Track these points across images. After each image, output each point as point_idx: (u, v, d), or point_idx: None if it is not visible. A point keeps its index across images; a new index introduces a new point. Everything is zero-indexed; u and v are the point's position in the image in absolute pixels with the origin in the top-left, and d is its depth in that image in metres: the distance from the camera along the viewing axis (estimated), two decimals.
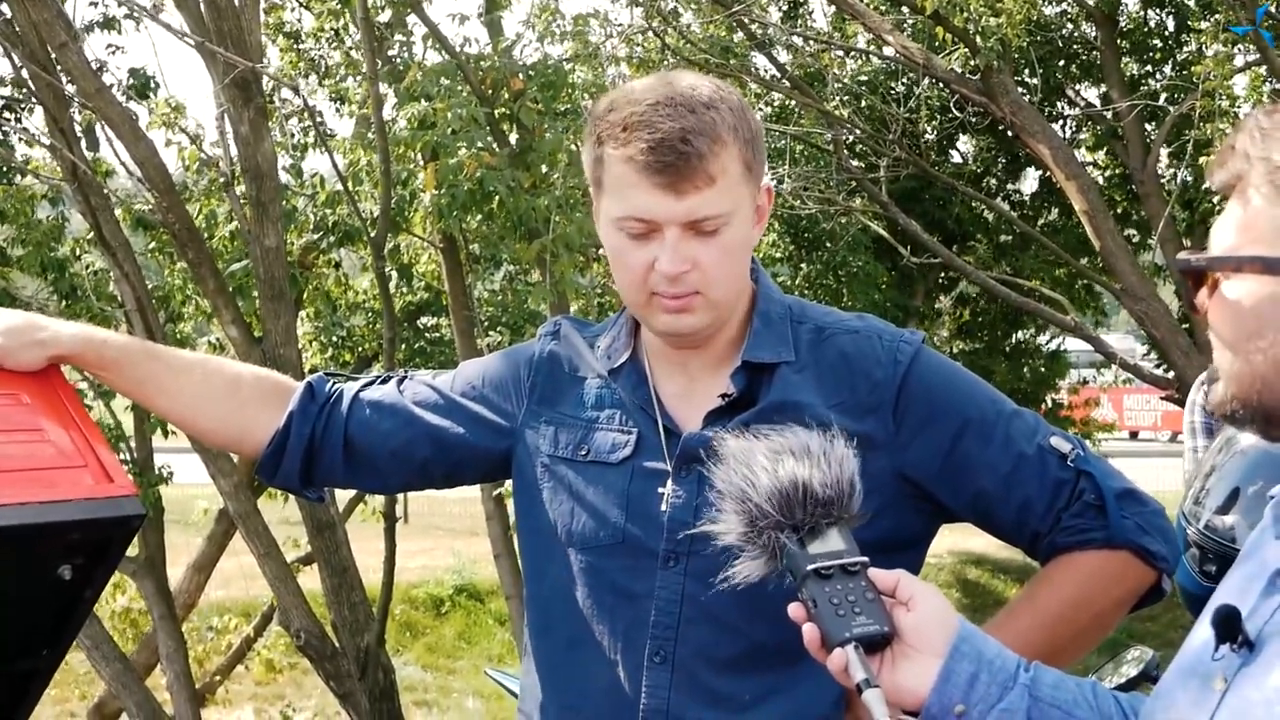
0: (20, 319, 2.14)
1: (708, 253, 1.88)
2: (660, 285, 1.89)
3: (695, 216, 1.85)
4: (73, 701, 12.82)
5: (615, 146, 1.88)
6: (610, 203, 1.91)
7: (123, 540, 2.10)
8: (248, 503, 7.04)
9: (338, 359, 11.53)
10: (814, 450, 1.60)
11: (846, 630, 1.49)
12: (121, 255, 6.75)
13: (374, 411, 2.16)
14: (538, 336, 2.19)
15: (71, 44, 5.81)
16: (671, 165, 1.83)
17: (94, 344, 2.17)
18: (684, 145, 1.82)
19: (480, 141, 7.06)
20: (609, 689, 1.94)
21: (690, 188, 1.84)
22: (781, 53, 11.43)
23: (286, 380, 2.27)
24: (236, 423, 2.21)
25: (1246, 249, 1.31)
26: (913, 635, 1.51)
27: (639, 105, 1.87)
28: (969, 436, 1.94)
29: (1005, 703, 1.47)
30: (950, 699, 1.48)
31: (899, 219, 9.43)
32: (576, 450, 2.02)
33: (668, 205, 1.85)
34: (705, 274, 1.88)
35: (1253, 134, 1.32)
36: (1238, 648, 1.29)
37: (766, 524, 1.57)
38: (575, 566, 1.99)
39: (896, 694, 1.50)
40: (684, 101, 1.85)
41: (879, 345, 1.98)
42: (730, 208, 1.87)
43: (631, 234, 1.89)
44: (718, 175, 1.85)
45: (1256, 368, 1.31)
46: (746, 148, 1.89)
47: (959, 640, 1.50)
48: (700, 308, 1.91)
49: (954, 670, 1.49)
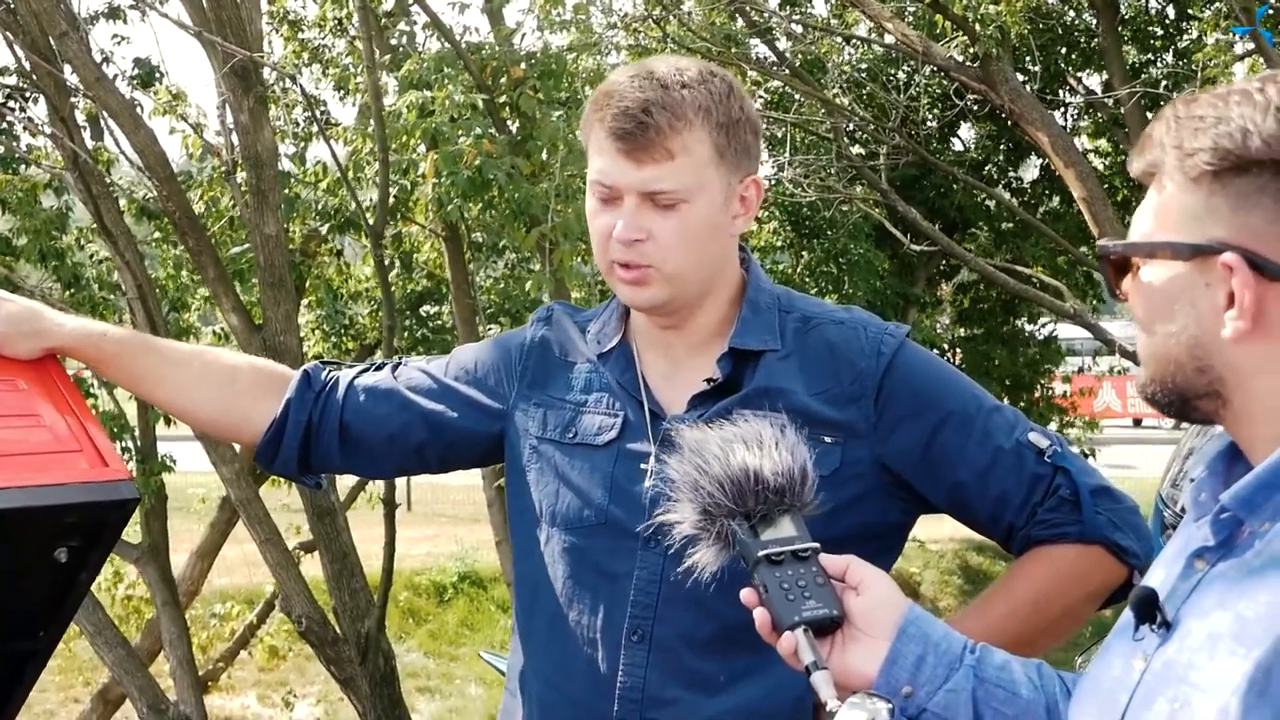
0: (21, 308, 2.18)
1: (664, 226, 1.93)
2: (617, 252, 1.95)
3: (651, 188, 1.92)
4: (77, 688, 12.88)
5: (593, 111, 1.96)
6: (590, 167, 1.99)
7: (117, 523, 2.14)
8: (249, 490, 7.08)
9: (340, 347, 11.56)
10: (766, 439, 1.64)
11: (796, 614, 1.53)
12: (123, 244, 6.77)
13: (369, 397, 2.19)
14: (530, 322, 2.22)
15: (72, 33, 5.83)
16: (630, 134, 1.90)
17: (92, 338, 2.21)
18: (644, 116, 1.89)
19: (479, 129, 7.08)
20: (588, 667, 1.98)
21: (648, 158, 1.90)
22: (782, 40, 11.43)
23: (283, 369, 2.31)
24: (235, 412, 2.25)
25: (1160, 235, 1.34)
26: (862, 619, 1.54)
27: (622, 76, 1.95)
28: (949, 429, 1.97)
29: (951, 684, 1.50)
30: (897, 680, 1.51)
31: (898, 206, 9.44)
32: (564, 432, 2.06)
33: (627, 172, 1.92)
34: (659, 247, 1.94)
35: (1169, 123, 1.34)
36: (1157, 628, 1.32)
37: (719, 512, 1.61)
38: (559, 547, 2.03)
39: (845, 676, 1.53)
40: (660, 78, 1.93)
41: (864, 336, 2.01)
42: (690, 184, 1.92)
43: (599, 198, 1.97)
44: (677, 151, 1.90)
45: (1170, 351, 1.34)
46: (719, 131, 1.93)
47: (906, 623, 1.54)
48: (655, 281, 1.96)
49: (901, 652, 1.52)
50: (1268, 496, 1.27)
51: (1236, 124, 1.28)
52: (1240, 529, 1.29)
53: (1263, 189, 1.27)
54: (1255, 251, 1.27)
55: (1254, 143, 1.27)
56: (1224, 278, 1.28)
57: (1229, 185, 1.28)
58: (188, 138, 8.54)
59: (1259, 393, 1.30)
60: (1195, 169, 1.30)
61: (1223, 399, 1.32)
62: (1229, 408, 1.33)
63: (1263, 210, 1.27)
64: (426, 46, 8.61)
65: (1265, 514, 1.27)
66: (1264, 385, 1.29)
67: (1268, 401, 1.30)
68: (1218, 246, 1.28)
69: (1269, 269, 1.26)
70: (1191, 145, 1.31)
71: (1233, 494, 1.29)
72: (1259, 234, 1.27)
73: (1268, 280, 1.26)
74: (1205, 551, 1.32)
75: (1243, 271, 1.27)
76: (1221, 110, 1.30)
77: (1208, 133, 1.30)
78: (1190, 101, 1.35)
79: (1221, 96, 1.32)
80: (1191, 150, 1.30)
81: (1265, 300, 1.27)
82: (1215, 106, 1.31)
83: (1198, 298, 1.31)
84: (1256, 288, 1.27)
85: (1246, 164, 1.27)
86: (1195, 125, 1.31)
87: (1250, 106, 1.28)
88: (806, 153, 11.04)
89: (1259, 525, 1.27)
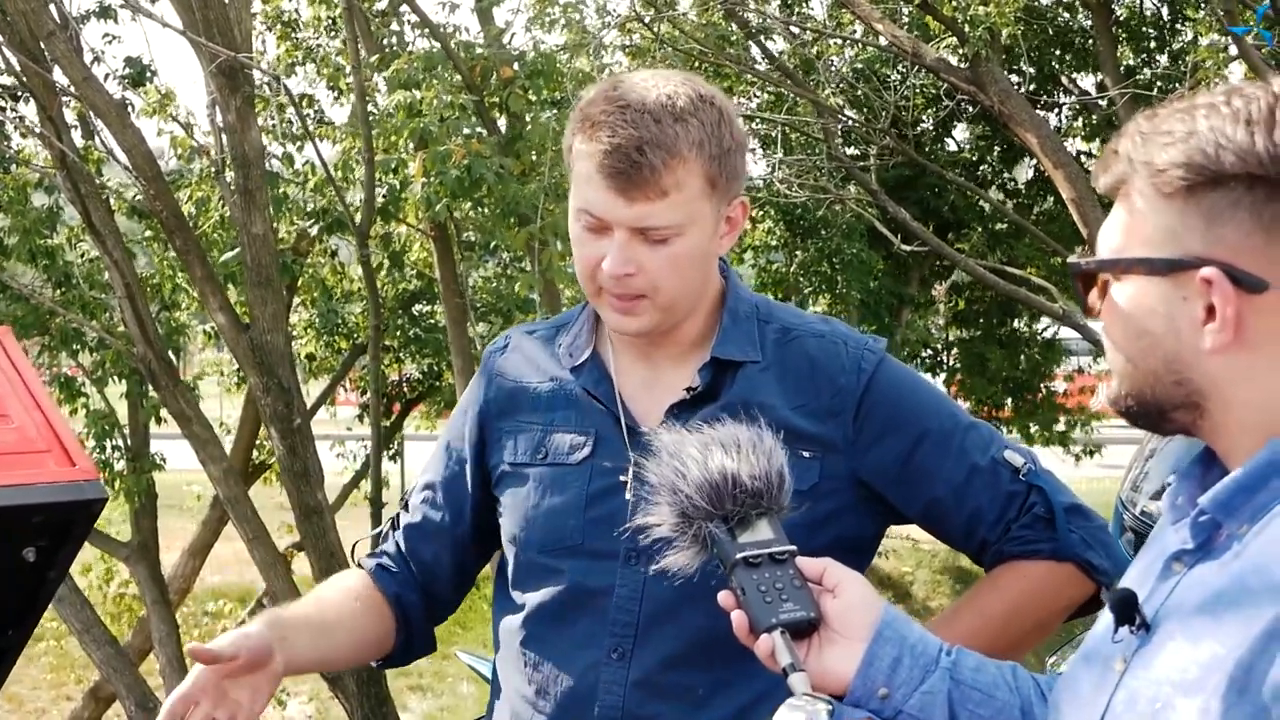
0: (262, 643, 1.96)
1: (655, 260, 1.89)
2: (606, 283, 1.92)
3: (643, 224, 1.87)
4: (69, 685, 12.89)
5: (581, 141, 1.90)
6: (573, 193, 1.94)
7: (85, 523, 2.14)
8: (236, 488, 7.08)
9: (333, 347, 11.58)
10: (743, 443, 1.64)
11: (773, 616, 1.54)
12: (111, 243, 6.77)
13: (418, 548, 2.18)
14: (484, 356, 2.21)
15: (59, 32, 5.83)
16: (623, 173, 1.84)
17: (287, 652, 2.00)
18: (638, 155, 1.83)
19: (468, 129, 7.08)
20: (567, 686, 1.97)
21: (640, 196, 1.85)
22: (778, 40, 11.44)
23: (352, 580, 2.21)
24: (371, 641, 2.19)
25: (1132, 251, 1.34)
26: (838, 621, 1.55)
27: (610, 105, 1.88)
28: (926, 446, 1.98)
29: (927, 685, 1.52)
30: (874, 682, 1.52)
31: (888, 207, 9.45)
32: (535, 454, 2.04)
33: (618, 208, 1.87)
34: (650, 279, 1.90)
35: (1134, 138, 1.34)
36: (1136, 630, 1.33)
37: (697, 515, 1.61)
38: (537, 568, 2.02)
39: (822, 678, 1.53)
40: (653, 110, 1.86)
41: (844, 351, 2.01)
42: (682, 220, 1.88)
43: (586, 227, 1.92)
44: (670, 189, 1.86)
45: (1146, 365, 1.35)
46: (712, 164, 1.89)
47: (883, 625, 1.54)
48: (646, 310, 1.94)
49: (877, 654, 1.53)
50: (1245, 499, 1.28)
51: (1207, 138, 1.28)
52: (1218, 532, 1.30)
53: (1236, 203, 1.27)
54: (1233, 264, 1.27)
55: (1227, 157, 1.27)
56: (1202, 291, 1.28)
57: (1203, 200, 1.29)
58: (178, 138, 8.54)
59: (1239, 403, 1.31)
60: (1169, 185, 1.30)
61: (1200, 410, 1.33)
62: (1207, 418, 1.34)
63: (1237, 224, 1.27)
64: (416, 46, 8.61)
65: (1243, 516, 1.28)
66: (1243, 396, 1.30)
67: (1246, 412, 1.31)
68: (1195, 261, 1.29)
69: (1247, 282, 1.27)
70: (1161, 160, 1.30)
71: (1211, 497, 1.30)
72: (1235, 247, 1.27)
73: (1246, 293, 1.27)
74: (1184, 554, 1.33)
75: (1223, 285, 1.27)
76: (1190, 124, 1.30)
77: (1178, 147, 1.30)
78: (1153, 116, 1.34)
79: (1186, 110, 1.31)
80: (1163, 166, 1.30)
81: (1244, 312, 1.28)
82: (1183, 120, 1.31)
83: (1175, 312, 1.31)
84: (1237, 300, 1.27)
85: (1220, 178, 1.27)
86: (1164, 140, 1.31)
87: (1219, 119, 1.28)
88: (799, 152, 11.05)
89: (1236, 528, 1.28)
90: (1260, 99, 1.28)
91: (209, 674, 1.87)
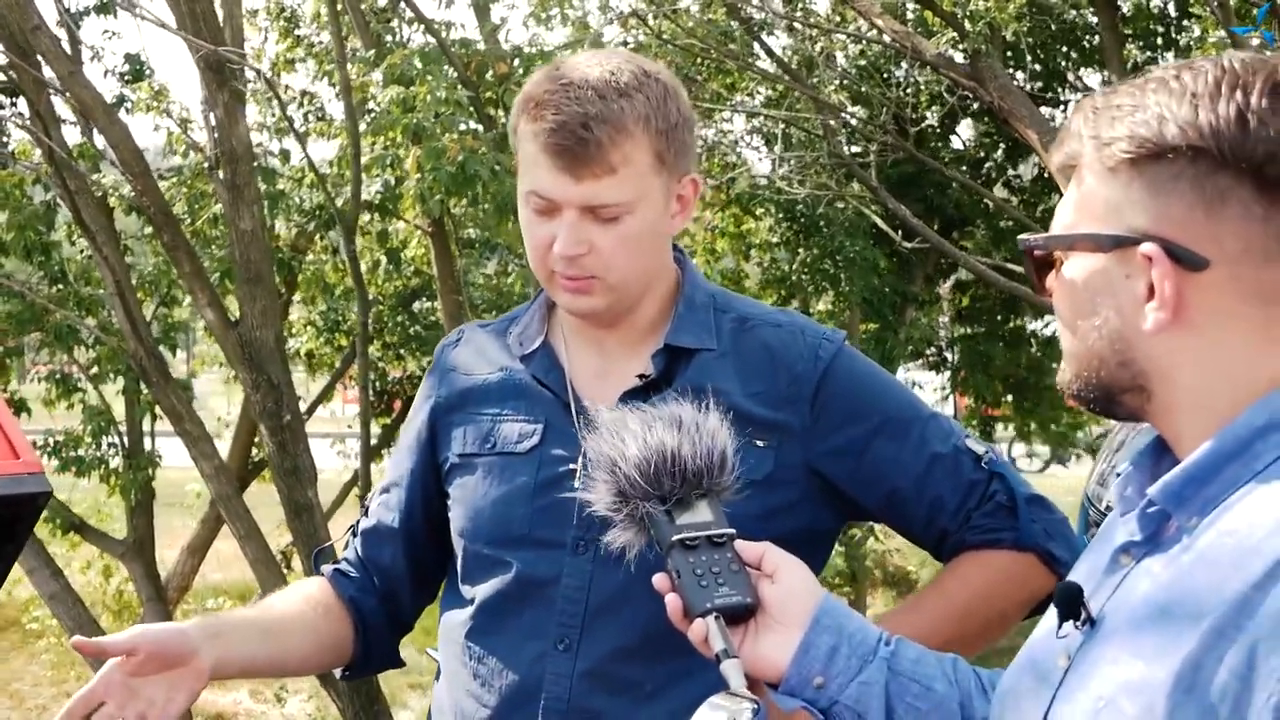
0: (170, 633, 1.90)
1: (605, 238, 1.88)
2: (558, 265, 1.90)
3: (592, 202, 1.86)
4: (70, 682, 12.91)
5: (525, 122, 1.89)
6: (521, 176, 1.93)
7: (29, 517, 2.13)
8: (228, 485, 7.08)
9: (332, 344, 11.58)
10: (686, 421, 1.60)
11: (708, 600, 1.50)
12: (102, 239, 6.77)
13: (371, 551, 2.14)
14: (437, 351, 2.19)
15: (44, 27, 5.81)
16: (569, 150, 1.83)
17: (219, 649, 1.95)
18: (584, 131, 1.82)
19: (462, 125, 7.06)
20: (513, 679, 1.94)
21: (588, 174, 1.84)
22: (779, 36, 11.40)
23: (310, 588, 2.17)
24: (329, 648, 2.15)
25: (1081, 227, 1.31)
26: (776, 607, 1.52)
27: (554, 84, 1.87)
28: (885, 435, 1.96)
29: (864, 675, 1.48)
30: (809, 671, 1.49)
31: (889, 204, 9.41)
32: (483, 444, 2.02)
33: (565, 187, 1.85)
34: (602, 259, 1.89)
35: (1087, 114, 1.32)
36: (1081, 625, 1.29)
37: (634, 493, 1.58)
38: (484, 560, 1.99)
39: (757, 665, 1.50)
40: (596, 86, 1.85)
41: (802, 340, 1.99)
42: (632, 196, 1.87)
43: (536, 210, 1.90)
44: (619, 165, 1.85)
45: (1093, 346, 1.31)
46: (660, 138, 1.88)
47: (820, 613, 1.51)
48: (598, 291, 1.92)
49: (814, 643, 1.49)
50: (1196, 490, 1.24)
51: (1153, 111, 1.26)
52: (1167, 524, 1.26)
53: (1179, 175, 1.24)
54: (1174, 241, 1.24)
55: (1169, 129, 1.24)
56: (1144, 268, 1.25)
57: (1146, 173, 1.26)
58: (173, 134, 8.54)
59: (1182, 386, 1.27)
60: (1112, 158, 1.28)
61: (1147, 393, 1.30)
62: (1153, 402, 1.30)
63: (1180, 197, 1.24)
64: (411, 41, 8.59)
65: (1193, 508, 1.24)
66: (1187, 379, 1.27)
67: (1191, 395, 1.27)
68: (1137, 237, 1.25)
69: (1188, 259, 1.23)
70: (1108, 134, 1.28)
71: (1160, 488, 1.26)
72: (1179, 223, 1.24)
73: (1187, 270, 1.23)
74: (1131, 546, 1.29)
75: (1162, 262, 1.24)
76: (1138, 99, 1.28)
77: (1124, 121, 1.27)
78: (1110, 92, 1.32)
79: (1139, 86, 1.29)
80: (1109, 139, 1.28)
81: (1185, 291, 1.24)
82: (1132, 95, 1.29)
83: (1119, 289, 1.28)
84: (1176, 278, 1.24)
85: (1163, 151, 1.25)
86: (1112, 114, 1.29)
87: (1166, 94, 1.26)
88: (800, 149, 11.01)
89: (1186, 520, 1.24)
90: (1208, 72, 1.26)
91: (115, 672, 1.81)
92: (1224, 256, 1.23)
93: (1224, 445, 1.23)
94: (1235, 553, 1.18)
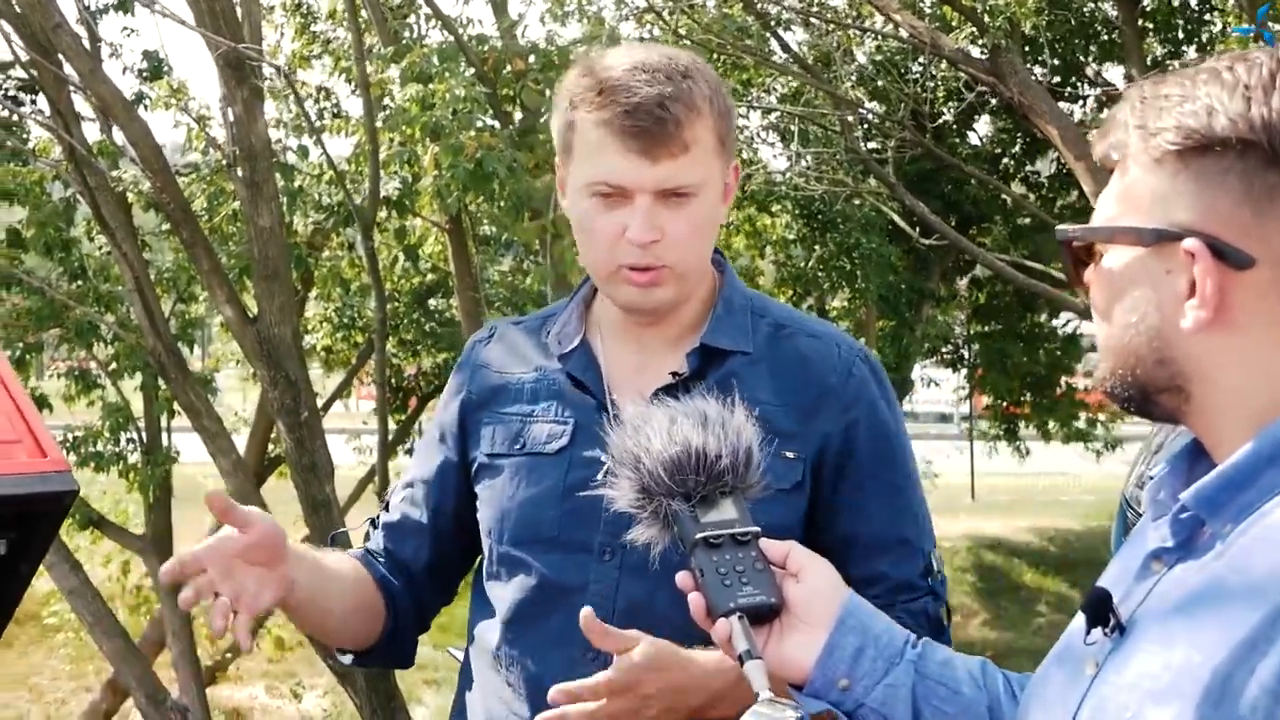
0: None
1: (677, 223, 1.87)
2: (628, 256, 1.88)
3: (667, 185, 1.86)
4: (89, 677, 12.96)
5: (589, 110, 1.87)
6: (581, 169, 1.90)
7: (56, 515, 2.12)
8: (245, 482, 7.08)
9: (349, 340, 11.58)
10: (711, 417, 1.58)
11: (731, 600, 1.47)
12: (120, 236, 6.78)
13: (395, 544, 2.12)
14: (467, 346, 2.17)
15: (65, 25, 5.82)
16: (647, 130, 1.83)
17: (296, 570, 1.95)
18: (661, 110, 1.82)
19: (480, 122, 7.05)
20: (541, 686, 1.90)
21: (665, 154, 1.84)
22: (796, 31, 11.38)
23: (353, 560, 2.14)
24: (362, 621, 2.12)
25: (1123, 219, 1.28)
26: (801, 608, 1.49)
27: (615, 70, 1.87)
28: (875, 487, 1.95)
29: (890, 678, 1.46)
30: (834, 673, 1.46)
31: (905, 200, 9.38)
32: (513, 445, 2.01)
33: (640, 171, 1.85)
34: (673, 246, 1.88)
35: (1134, 104, 1.29)
36: (1109, 632, 1.26)
37: (658, 490, 1.55)
38: (511, 562, 1.98)
39: (782, 666, 1.48)
40: (661, 68, 1.86)
41: (836, 354, 1.98)
42: (701, 178, 1.88)
43: (602, 201, 1.89)
44: (692, 144, 1.85)
45: (1130, 342, 1.28)
46: (721, 120, 1.89)
47: (845, 614, 1.49)
48: (668, 280, 1.91)
49: (839, 643, 1.47)
50: (1231, 496, 1.21)
51: (1203, 103, 1.22)
52: (1201, 530, 1.23)
53: (1228, 170, 1.21)
54: (1219, 237, 1.20)
55: (1219, 121, 1.21)
56: (1186, 265, 1.22)
57: (1193, 166, 1.22)
58: (193, 131, 8.55)
59: (1221, 388, 1.24)
60: (1159, 149, 1.24)
61: (1184, 394, 1.26)
62: (1191, 403, 1.27)
63: (1227, 192, 1.21)
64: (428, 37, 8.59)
65: (1228, 515, 1.21)
66: (1226, 380, 1.23)
67: (1230, 397, 1.24)
68: (1180, 232, 1.22)
69: (1232, 257, 1.20)
70: (1155, 125, 1.25)
71: (1194, 493, 1.23)
72: (1225, 218, 1.21)
73: (1231, 268, 1.20)
74: (1163, 552, 1.26)
75: (1205, 259, 1.21)
76: (1188, 89, 1.24)
77: (1172, 111, 1.24)
78: (1158, 82, 1.29)
79: (1189, 76, 1.26)
80: (1155, 130, 1.25)
81: (1228, 289, 1.21)
82: (1182, 86, 1.25)
83: (1159, 285, 1.25)
84: (1219, 276, 1.20)
85: (1211, 143, 1.21)
86: (1160, 105, 1.26)
87: (1218, 85, 1.23)
88: (817, 145, 10.99)
89: (1221, 527, 1.21)
90: (1262, 65, 1.23)
91: (223, 547, 1.79)
92: (1270, 256, 1.20)
93: (1263, 449, 1.20)
94: (1270, 563, 1.15)
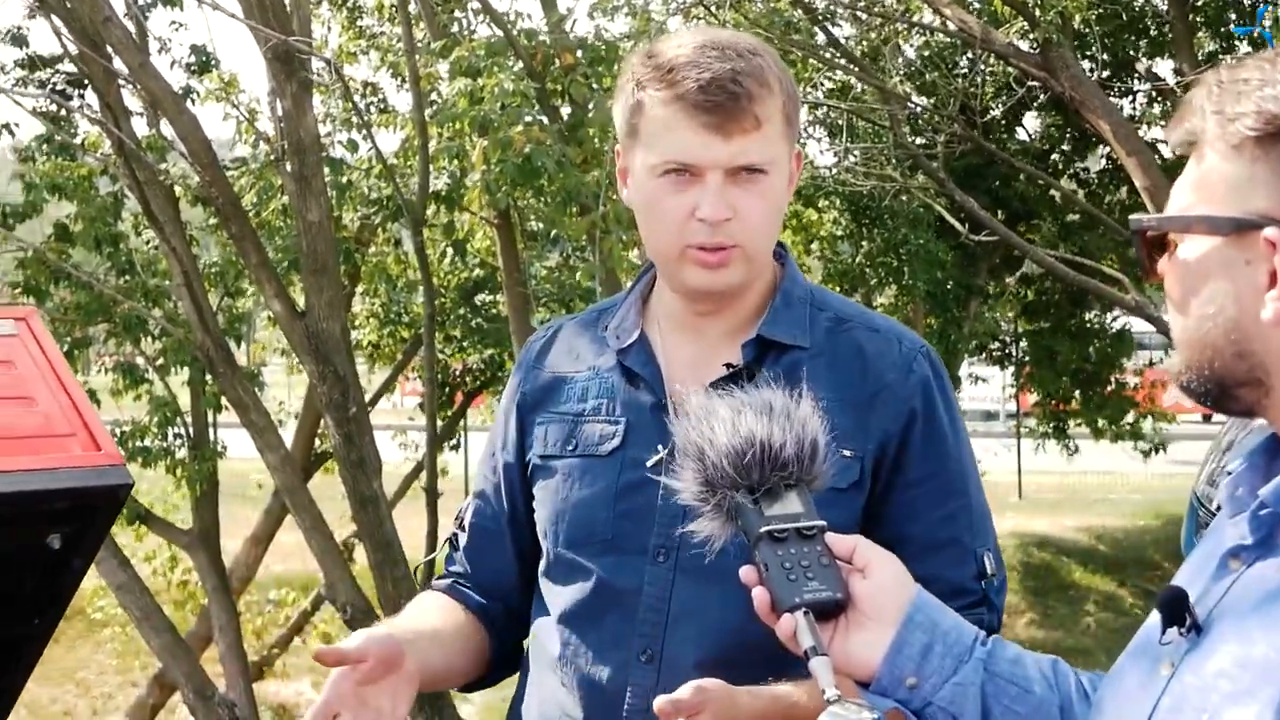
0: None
1: (748, 202, 1.85)
2: (698, 235, 1.86)
3: (739, 161, 1.84)
4: (134, 672, 13.05)
5: (659, 89, 1.85)
6: (648, 150, 1.88)
7: (110, 509, 2.10)
8: (293, 477, 7.10)
9: (394, 336, 11.61)
10: (777, 409, 1.54)
11: (797, 595, 1.44)
12: (169, 230, 6.81)
13: (480, 570, 2.11)
14: (526, 345, 2.16)
15: (115, 18, 5.85)
16: (721, 105, 1.81)
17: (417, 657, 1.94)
18: (734, 85, 1.81)
19: (528, 117, 7.03)
20: (596, 687, 1.91)
21: (738, 129, 1.82)
22: (845, 26, 11.32)
23: (446, 602, 2.13)
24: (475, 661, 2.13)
25: (1199, 208, 1.25)
26: (867, 603, 1.46)
27: (684, 49, 1.86)
28: (930, 486, 1.90)
29: (959, 676, 1.43)
30: (902, 670, 1.43)
31: (955, 195, 9.31)
32: (565, 445, 1.99)
33: (713, 147, 1.83)
34: (745, 225, 1.86)
35: (1211, 89, 1.25)
36: (1186, 631, 1.23)
37: (722, 483, 1.52)
38: (566, 564, 1.96)
39: (848, 663, 1.45)
40: (730, 45, 1.86)
41: (897, 350, 1.95)
42: (772, 156, 1.86)
43: (671, 181, 1.86)
44: (764, 120, 1.83)
45: (1207, 335, 1.25)
46: (790, 101, 1.88)
47: (913, 610, 1.45)
48: (736, 261, 1.88)
49: (907, 641, 1.44)
50: None
51: None
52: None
53: None
54: None
55: None
56: (1266, 254, 1.19)
57: (1272, 153, 1.19)
58: (243, 124, 8.58)
59: None
60: (1237, 135, 1.21)
61: (1265, 387, 1.23)
62: (1271, 396, 1.23)
63: None
64: (477, 32, 8.58)
65: None
66: None
67: None
68: (1260, 220, 1.19)
69: None
70: (1233, 110, 1.22)
71: (1273, 489, 1.20)
72: None
73: None
74: (1241, 550, 1.23)
75: None
76: (1268, 73, 1.21)
77: (1251, 96, 1.21)
78: (1235, 66, 1.26)
79: (1269, 59, 1.23)
80: (1234, 115, 1.21)
81: None
82: (1261, 70, 1.22)
83: (1237, 276, 1.22)
84: None
85: None
86: (1239, 89, 1.22)
87: None
88: (865, 140, 10.92)
89: None
90: None
91: (345, 681, 1.75)
92: None
93: None
94: None
